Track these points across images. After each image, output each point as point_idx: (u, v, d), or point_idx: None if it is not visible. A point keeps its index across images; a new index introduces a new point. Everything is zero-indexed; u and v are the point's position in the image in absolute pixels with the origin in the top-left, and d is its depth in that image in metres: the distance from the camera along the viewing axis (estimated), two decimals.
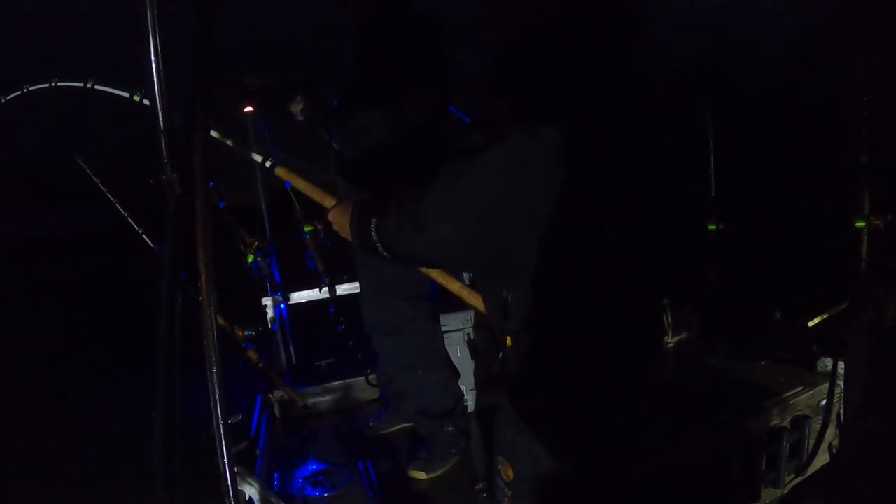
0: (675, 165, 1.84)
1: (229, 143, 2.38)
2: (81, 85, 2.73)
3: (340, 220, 1.92)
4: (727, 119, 4.31)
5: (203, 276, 1.44)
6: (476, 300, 1.98)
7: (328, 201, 2.07)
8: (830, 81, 5.17)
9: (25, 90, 3.03)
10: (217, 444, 1.48)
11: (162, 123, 1.38)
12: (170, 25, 1.43)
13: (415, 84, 3.13)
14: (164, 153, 1.40)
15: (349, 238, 1.87)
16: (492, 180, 1.46)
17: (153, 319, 1.34)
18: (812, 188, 5.06)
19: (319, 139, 3.54)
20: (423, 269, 2.17)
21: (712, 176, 4.19)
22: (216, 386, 1.45)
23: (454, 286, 2.09)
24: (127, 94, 2.63)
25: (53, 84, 2.88)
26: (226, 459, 1.49)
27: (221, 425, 1.46)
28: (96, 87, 2.72)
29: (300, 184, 2.23)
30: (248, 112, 4.09)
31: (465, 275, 2.62)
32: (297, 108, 3.52)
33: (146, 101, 2.51)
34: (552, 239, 1.51)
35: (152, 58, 1.38)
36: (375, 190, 1.87)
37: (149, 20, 1.41)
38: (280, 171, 2.30)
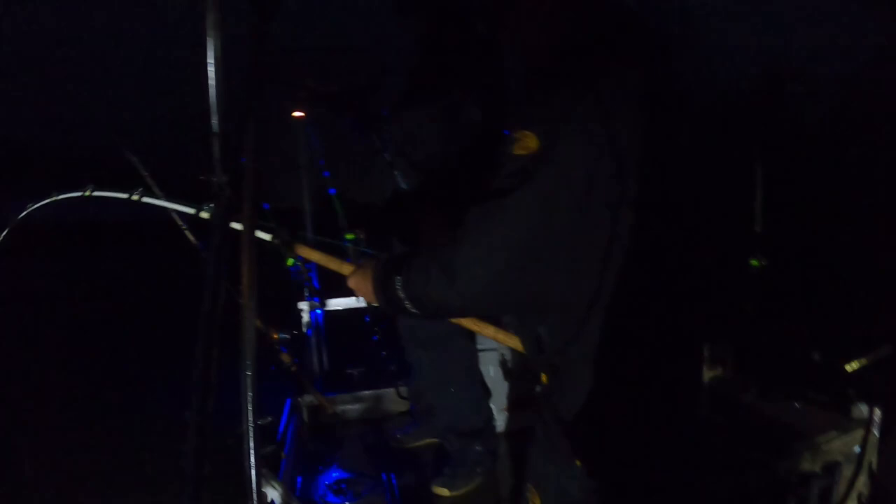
0: (715, 197, 1.81)
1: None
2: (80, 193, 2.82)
3: (362, 285, 1.88)
4: (777, 152, 4.26)
5: (246, 280, 1.45)
6: (512, 341, 1.98)
7: (345, 269, 2.05)
8: (884, 119, 5.09)
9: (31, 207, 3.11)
10: (245, 447, 1.49)
11: (215, 126, 1.39)
12: (226, 25, 1.45)
13: (466, 102, 3.14)
14: (217, 155, 1.41)
15: (373, 302, 1.85)
16: (522, 223, 1.44)
17: (193, 317, 1.35)
18: (861, 230, 4.97)
19: (371, 148, 3.57)
20: (454, 320, 2.15)
21: (758, 211, 4.14)
22: (249, 389, 1.46)
23: (488, 331, 2.08)
24: (125, 195, 2.71)
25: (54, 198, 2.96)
26: (252, 462, 1.49)
27: (251, 428, 1.47)
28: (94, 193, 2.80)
29: (314, 255, 2.24)
30: (298, 117, 4.13)
31: None
32: (351, 114, 3.56)
33: (144, 199, 2.61)
34: (584, 275, 1.50)
35: (210, 59, 1.39)
36: (397, 245, 1.85)
37: (208, 19, 1.43)
38: (300, 248, 2.30)
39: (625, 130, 1.45)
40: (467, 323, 2.14)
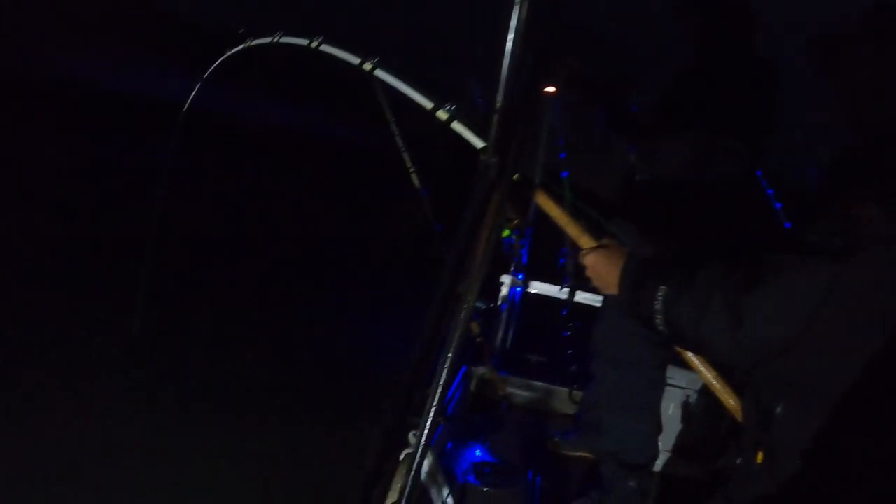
0: None
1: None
2: (306, 43, 2.69)
3: (602, 268, 1.76)
4: None
5: (477, 262, 1.40)
6: (729, 399, 1.79)
7: (585, 241, 1.89)
8: None
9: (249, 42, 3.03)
10: (422, 424, 1.46)
11: (501, 102, 1.32)
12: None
13: (735, 133, 2.94)
14: (493, 133, 1.35)
15: (609, 291, 1.71)
16: (840, 291, 1.27)
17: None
18: None
19: (616, 144, 3.43)
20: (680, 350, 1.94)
21: None
22: (445, 370, 1.43)
23: (708, 375, 1.87)
24: (357, 61, 2.55)
25: (277, 40, 2.86)
26: (423, 440, 1.47)
27: (434, 408, 1.44)
28: (321, 47, 2.66)
29: (556, 212, 2.05)
30: (547, 92, 3.99)
31: None
32: (604, 104, 3.44)
33: (377, 73, 2.44)
34: (869, 371, 1.32)
35: (511, 35, 1.32)
36: (659, 247, 1.71)
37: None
38: (542, 197, 2.11)
39: None
40: (692, 359, 1.95)
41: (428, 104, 2.31)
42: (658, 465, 3.52)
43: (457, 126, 2.25)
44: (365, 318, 6.93)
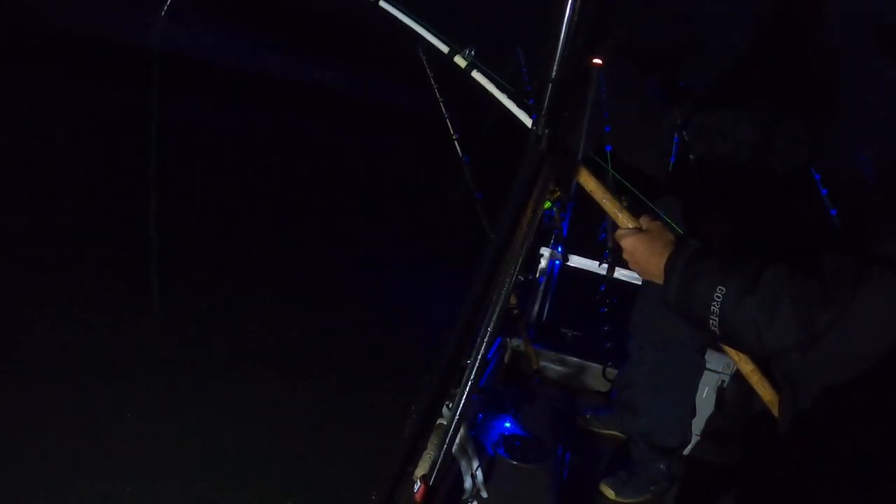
0: None
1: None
2: None
3: (643, 255, 1.62)
4: None
5: (521, 234, 1.36)
6: (766, 392, 1.70)
7: (626, 220, 1.73)
8: None
9: None
10: (457, 397, 1.45)
11: (555, 72, 1.27)
12: None
13: (801, 121, 2.85)
14: (545, 104, 1.30)
15: (650, 278, 1.58)
16: None
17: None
18: None
19: (666, 119, 3.34)
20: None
21: None
22: (483, 345, 1.40)
23: (748, 367, 1.75)
24: None
25: None
26: (458, 414, 1.45)
27: (471, 382, 1.42)
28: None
29: (597, 190, 1.82)
30: (594, 64, 3.92)
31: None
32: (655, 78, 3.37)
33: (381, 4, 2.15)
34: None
35: (568, 2, 1.27)
36: (711, 234, 1.59)
37: None
38: (583, 174, 1.85)
39: None
40: (733, 353, 1.81)
41: (444, 47, 2.03)
42: (688, 449, 3.47)
43: (477, 75, 1.99)
44: (403, 288, 6.90)
